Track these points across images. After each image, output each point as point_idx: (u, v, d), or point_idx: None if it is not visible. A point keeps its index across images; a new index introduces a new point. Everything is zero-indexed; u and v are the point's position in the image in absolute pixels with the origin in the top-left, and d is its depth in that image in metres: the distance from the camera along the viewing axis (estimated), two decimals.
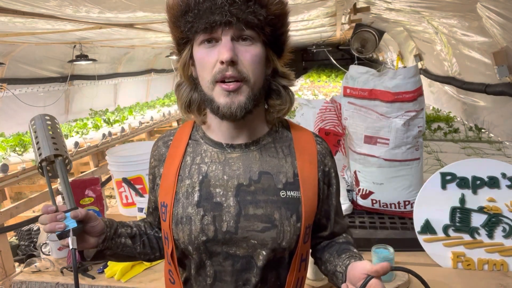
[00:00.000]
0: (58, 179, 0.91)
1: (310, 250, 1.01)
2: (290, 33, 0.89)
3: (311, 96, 6.30)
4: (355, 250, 0.94)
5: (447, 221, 1.40)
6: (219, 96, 0.80)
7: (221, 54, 0.77)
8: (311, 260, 1.05)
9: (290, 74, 0.90)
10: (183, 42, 0.84)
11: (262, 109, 0.90)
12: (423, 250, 1.43)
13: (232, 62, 0.77)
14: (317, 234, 0.97)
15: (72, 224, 0.82)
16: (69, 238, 0.81)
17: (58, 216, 0.81)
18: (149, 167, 0.99)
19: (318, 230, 0.97)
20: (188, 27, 0.80)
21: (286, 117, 0.98)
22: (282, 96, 0.89)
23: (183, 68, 0.87)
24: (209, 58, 0.80)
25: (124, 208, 2.09)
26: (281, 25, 0.83)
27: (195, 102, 0.89)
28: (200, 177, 0.87)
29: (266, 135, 0.91)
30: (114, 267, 1.49)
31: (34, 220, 3.49)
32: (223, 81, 0.79)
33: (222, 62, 0.77)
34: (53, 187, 0.89)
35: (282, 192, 0.86)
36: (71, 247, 0.81)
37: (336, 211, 0.98)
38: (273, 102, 0.89)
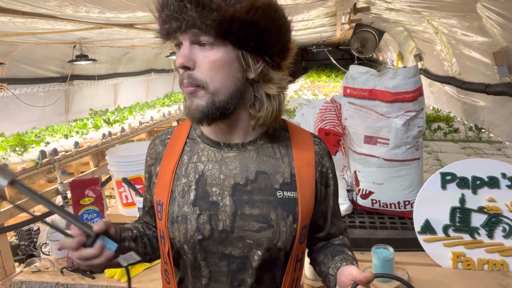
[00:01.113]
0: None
1: (307, 250, 1.01)
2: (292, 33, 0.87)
3: (311, 96, 6.30)
4: (349, 252, 0.94)
5: (447, 221, 1.40)
6: (185, 98, 0.83)
7: (176, 60, 0.80)
8: (308, 260, 1.05)
9: (278, 79, 0.84)
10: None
11: (247, 115, 0.86)
12: (423, 250, 1.43)
13: (186, 68, 0.79)
14: (314, 235, 0.97)
15: (112, 245, 0.79)
16: (120, 259, 0.80)
17: (106, 252, 0.77)
18: (145, 166, 0.98)
19: (315, 231, 0.97)
20: (160, 33, 0.82)
21: (286, 117, 0.97)
22: (262, 104, 0.84)
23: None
24: (176, 62, 0.82)
25: (124, 208, 2.09)
26: (245, 26, 0.76)
27: None
28: (197, 176, 0.87)
29: (263, 135, 0.90)
30: None
31: (34, 220, 3.48)
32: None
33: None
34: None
35: (279, 192, 0.86)
36: (125, 264, 0.81)
37: (334, 213, 0.97)
38: (252, 110, 0.84)
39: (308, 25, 5.63)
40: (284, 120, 0.97)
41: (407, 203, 1.65)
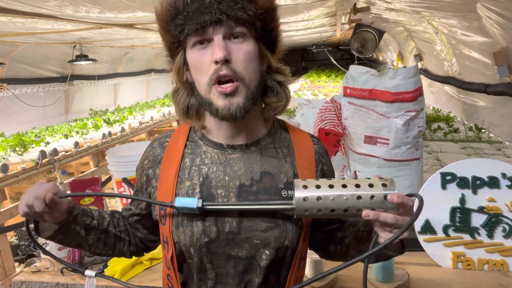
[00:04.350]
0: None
1: (308, 250, 1.01)
2: (290, 33, 0.89)
3: (311, 96, 6.30)
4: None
5: (447, 221, 1.40)
6: (217, 98, 0.80)
7: (214, 53, 0.77)
8: (309, 260, 1.06)
9: (285, 69, 0.88)
10: (174, 46, 0.84)
11: (259, 107, 0.89)
12: (423, 250, 1.43)
13: (226, 61, 0.77)
14: (327, 228, 0.98)
15: None
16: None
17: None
18: (140, 168, 0.96)
19: (328, 224, 0.98)
20: (179, 30, 0.79)
21: (286, 118, 0.97)
22: (278, 93, 0.87)
23: (178, 74, 0.86)
24: (203, 59, 0.79)
25: None
26: (271, 19, 0.82)
27: (193, 107, 0.88)
28: (201, 179, 0.87)
29: (265, 136, 0.91)
30: (114, 267, 1.49)
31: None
32: (219, 83, 0.78)
33: (216, 62, 0.77)
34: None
35: (284, 192, 0.86)
36: None
37: None
38: (269, 100, 0.87)
39: (308, 25, 5.63)
40: (283, 121, 0.98)
41: None
